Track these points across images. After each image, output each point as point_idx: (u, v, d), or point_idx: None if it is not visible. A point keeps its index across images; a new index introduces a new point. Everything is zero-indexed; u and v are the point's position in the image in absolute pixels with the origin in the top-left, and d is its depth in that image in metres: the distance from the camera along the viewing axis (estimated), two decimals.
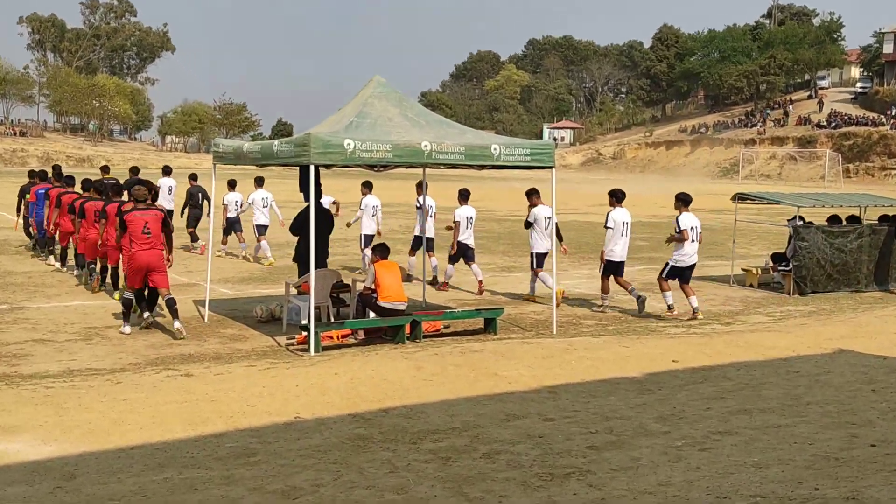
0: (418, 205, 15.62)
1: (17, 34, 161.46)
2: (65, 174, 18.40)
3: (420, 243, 15.41)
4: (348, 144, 9.86)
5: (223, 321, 12.20)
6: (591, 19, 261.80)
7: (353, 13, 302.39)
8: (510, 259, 20.14)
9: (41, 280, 15.48)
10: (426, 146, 10.30)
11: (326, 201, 16.25)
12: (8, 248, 20.29)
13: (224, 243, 20.02)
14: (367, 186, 16.93)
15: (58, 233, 16.66)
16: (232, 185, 19.93)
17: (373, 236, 16.39)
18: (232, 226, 19.76)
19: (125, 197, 13.64)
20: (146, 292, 11.82)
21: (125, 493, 5.03)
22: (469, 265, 15.25)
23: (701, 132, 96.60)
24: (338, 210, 16.99)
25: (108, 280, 14.48)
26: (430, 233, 15.65)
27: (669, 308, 12.75)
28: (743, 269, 17.00)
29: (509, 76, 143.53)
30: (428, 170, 14.40)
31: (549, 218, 13.83)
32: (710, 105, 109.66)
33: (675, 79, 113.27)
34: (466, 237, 15.11)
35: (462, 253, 15.12)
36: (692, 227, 12.69)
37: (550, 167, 11.38)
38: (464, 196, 15.28)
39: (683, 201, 12.85)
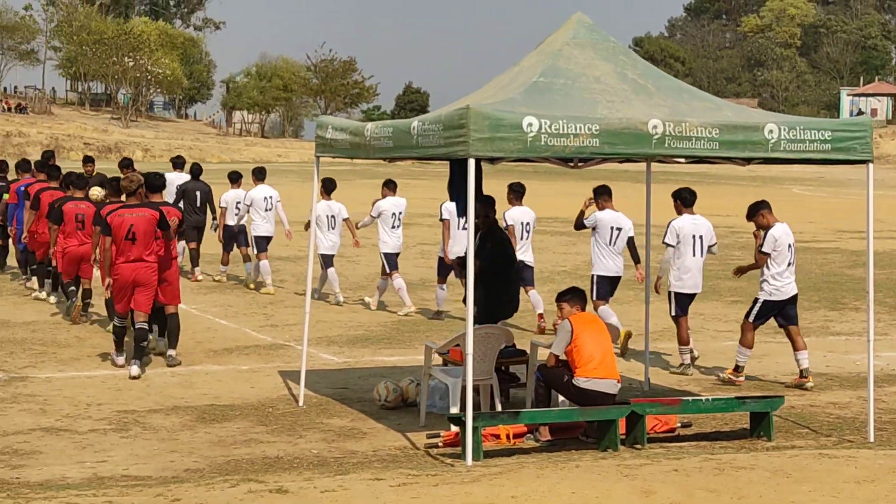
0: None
1: None
2: (51, 163, 21.16)
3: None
4: (530, 125, 9.93)
5: (327, 405, 12.49)
6: None
7: None
8: None
9: (51, 335, 16.36)
10: (656, 127, 10.30)
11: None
12: (3, 284, 21.61)
13: (224, 262, 22.31)
14: (391, 188, 19.42)
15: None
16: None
17: (395, 255, 19.35)
18: (235, 237, 21.83)
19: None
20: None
21: None
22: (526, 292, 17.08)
23: None
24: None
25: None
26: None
27: (736, 369, 14.05)
28: None
29: (782, 10, 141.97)
30: (654, 165, 14.35)
31: (618, 229, 15.81)
32: None
33: None
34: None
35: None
36: (789, 245, 13.96)
37: (865, 161, 11.13)
38: (518, 195, 17.67)
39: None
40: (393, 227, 19.23)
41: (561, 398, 11.33)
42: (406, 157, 11.65)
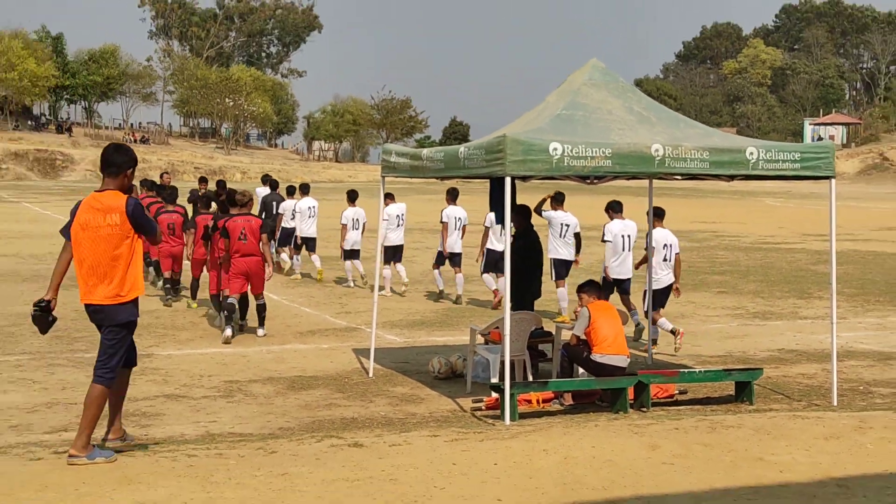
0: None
1: (139, 19, 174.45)
2: (160, 182, 22.92)
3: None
4: (555, 149, 9.84)
5: (392, 377, 12.47)
6: None
7: None
8: (764, 302, 19.57)
9: (171, 321, 16.46)
10: (658, 150, 10.18)
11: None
12: None
13: (289, 257, 22.93)
14: (392, 198, 19.81)
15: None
16: (305, 189, 22.90)
17: (396, 248, 20.10)
18: (290, 236, 22.50)
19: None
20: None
21: None
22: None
23: None
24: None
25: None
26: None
27: (673, 333, 14.23)
28: None
29: (756, 55, 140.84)
30: (655, 182, 14.26)
31: (567, 225, 16.94)
32: None
33: None
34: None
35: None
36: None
37: (828, 177, 10.99)
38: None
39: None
40: (398, 226, 20.00)
41: (581, 370, 11.27)
42: (454, 176, 11.60)
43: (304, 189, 22.73)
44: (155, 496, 6.92)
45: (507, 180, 10.06)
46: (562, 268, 16.87)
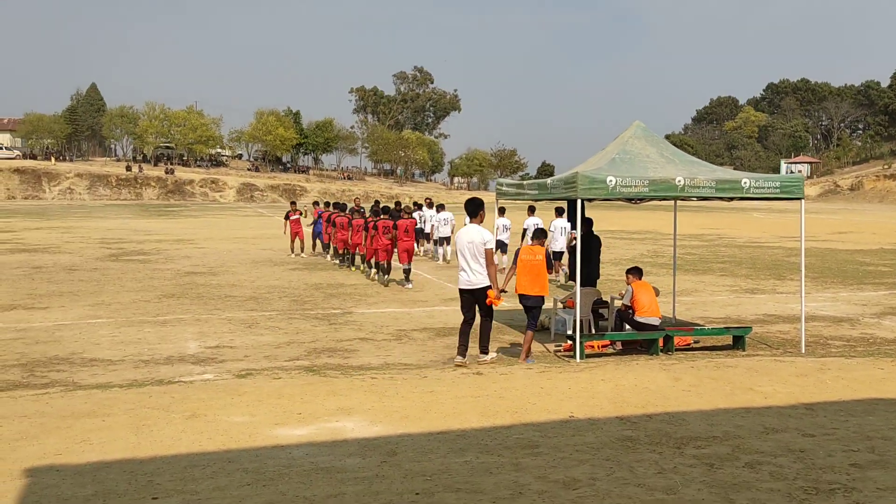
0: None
1: (347, 101, 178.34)
2: (354, 205, 23.91)
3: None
4: (610, 181, 9.56)
5: (503, 329, 12.29)
6: (826, 62, 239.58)
7: (600, 70, 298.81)
8: (752, 282, 18.62)
9: (364, 291, 16.57)
10: (680, 181, 9.76)
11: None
12: (332, 265, 22.06)
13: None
14: (531, 210, 19.24)
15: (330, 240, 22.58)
16: (532, 210, 21.51)
17: (445, 238, 21.47)
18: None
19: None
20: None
21: (435, 471, 5.11)
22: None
23: None
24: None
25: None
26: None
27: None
28: None
29: (747, 117, 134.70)
30: (679, 203, 13.68)
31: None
32: None
33: None
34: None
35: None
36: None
37: (800, 198, 10.34)
38: (559, 212, 18.72)
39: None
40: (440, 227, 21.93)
41: (627, 327, 10.89)
42: (543, 199, 11.36)
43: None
44: (349, 403, 6.92)
45: (578, 201, 9.78)
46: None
